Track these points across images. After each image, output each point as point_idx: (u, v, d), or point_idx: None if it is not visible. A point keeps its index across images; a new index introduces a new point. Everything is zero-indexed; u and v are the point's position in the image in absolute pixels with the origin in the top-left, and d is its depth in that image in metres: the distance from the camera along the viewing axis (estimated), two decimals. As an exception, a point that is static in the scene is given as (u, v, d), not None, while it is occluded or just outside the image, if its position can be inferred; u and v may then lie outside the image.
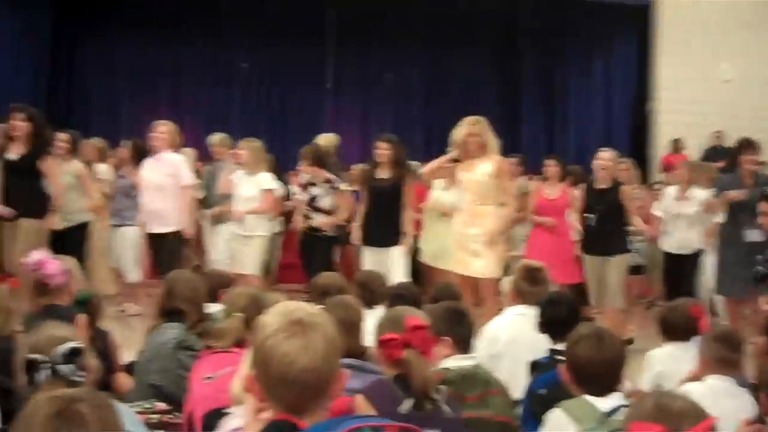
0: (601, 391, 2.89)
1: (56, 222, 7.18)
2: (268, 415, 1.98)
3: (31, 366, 2.57)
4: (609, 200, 7.15)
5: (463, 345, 3.36)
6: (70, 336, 2.72)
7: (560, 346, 3.44)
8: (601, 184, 7.28)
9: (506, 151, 10.94)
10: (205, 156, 9.23)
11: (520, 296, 4.42)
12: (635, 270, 8.59)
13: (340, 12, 12.63)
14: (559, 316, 3.76)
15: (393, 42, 13.68)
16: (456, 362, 3.30)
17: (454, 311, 3.50)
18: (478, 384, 3.18)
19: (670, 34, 12.14)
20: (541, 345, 4.02)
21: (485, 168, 6.45)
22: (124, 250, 7.96)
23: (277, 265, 8.98)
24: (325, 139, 9.02)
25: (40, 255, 4.25)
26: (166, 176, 7.37)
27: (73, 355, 2.59)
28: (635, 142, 12.54)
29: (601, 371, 2.91)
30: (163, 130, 7.45)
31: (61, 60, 12.97)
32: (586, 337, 2.97)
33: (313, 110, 13.44)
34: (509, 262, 8.27)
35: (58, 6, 12.47)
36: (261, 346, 1.89)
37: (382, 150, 7.24)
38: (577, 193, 7.58)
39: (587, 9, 12.57)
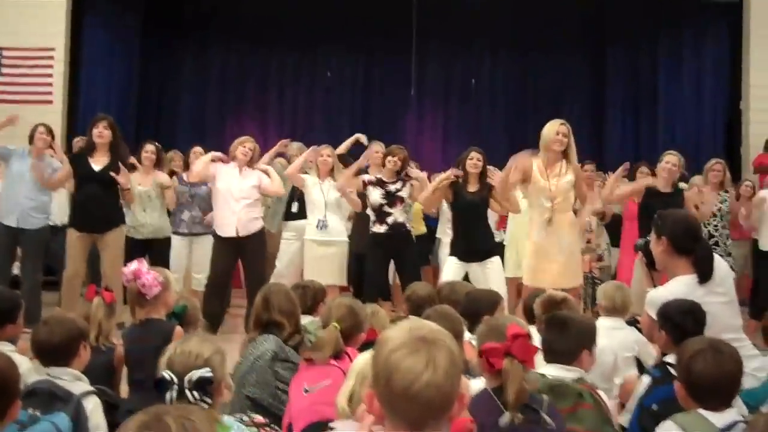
0: (718, 405, 2.79)
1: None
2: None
3: (161, 384, 2.62)
4: (673, 205, 6.95)
5: (567, 356, 3.27)
6: (209, 356, 2.73)
7: (672, 359, 3.32)
8: (665, 187, 7.14)
9: (593, 155, 10.85)
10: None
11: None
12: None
13: (424, 19, 12.57)
14: (698, 326, 3.64)
15: (477, 49, 13.55)
16: (558, 372, 3.21)
17: (558, 320, 3.41)
18: (569, 396, 3.09)
19: (762, 31, 11.77)
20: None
21: (568, 175, 6.51)
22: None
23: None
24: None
25: (136, 266, 4.30)
26: (252, 187, 7.69)
27: (201, 384, 2.62)
28: (727, 142, 12.20)
29: (719, 386, 2.81)
30: (250, 147, 7.79)
31: (151, 73, 13.22)
32: (704, 351, 2.86)
33: (397, 117, 13.44)
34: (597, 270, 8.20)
35: (146, 19, 12.72)
36: (384, 360, 1.85)
37: (476, 162, 7.19)
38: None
39: (675, 8, 12.29)
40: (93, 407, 3.19)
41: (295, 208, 8.37)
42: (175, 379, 2.61)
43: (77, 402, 3.10)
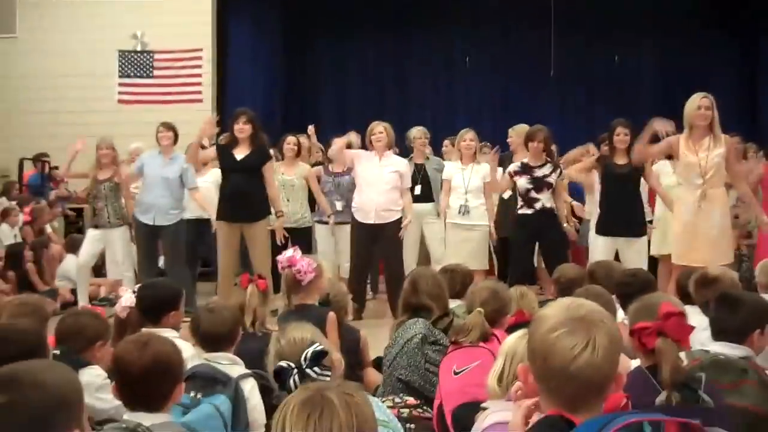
0: None
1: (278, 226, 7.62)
2: (536, 417, 1.94)
3: (281, 373, 2.69)
4: None
5: (737, 334, 3.15)
6: (311, 336, 2.82)
7: None
8: None
9: (745, 134, 10.37)
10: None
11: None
12: None
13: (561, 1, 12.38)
14: None
15: (617, 27, 13.18)
16: (724, 349, 3.10)
17: (730, 298, 3.29)
18: (731, 371, 2.97)
19: None
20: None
21: (718, 149, 6.20)
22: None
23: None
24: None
25: (291, 253, 4.43)
26: (390, 173, 7.69)
27: (317, 358, 2.68)
28: None
29: None
30: (380, 131, 7.75)
31: (294, 67, 13.54)
32: None
33: (537, 99, 13.26)
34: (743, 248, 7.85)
35: (288, 15, 13.04)
36: (543, 338, 1.85)
37: (623, 136, 7.05)
38: None
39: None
40: (250, 389, 3.29)
41: (417, 191, 8.32)
42: (293, 365, 2.68)
43: (236, 384, 3.21)
